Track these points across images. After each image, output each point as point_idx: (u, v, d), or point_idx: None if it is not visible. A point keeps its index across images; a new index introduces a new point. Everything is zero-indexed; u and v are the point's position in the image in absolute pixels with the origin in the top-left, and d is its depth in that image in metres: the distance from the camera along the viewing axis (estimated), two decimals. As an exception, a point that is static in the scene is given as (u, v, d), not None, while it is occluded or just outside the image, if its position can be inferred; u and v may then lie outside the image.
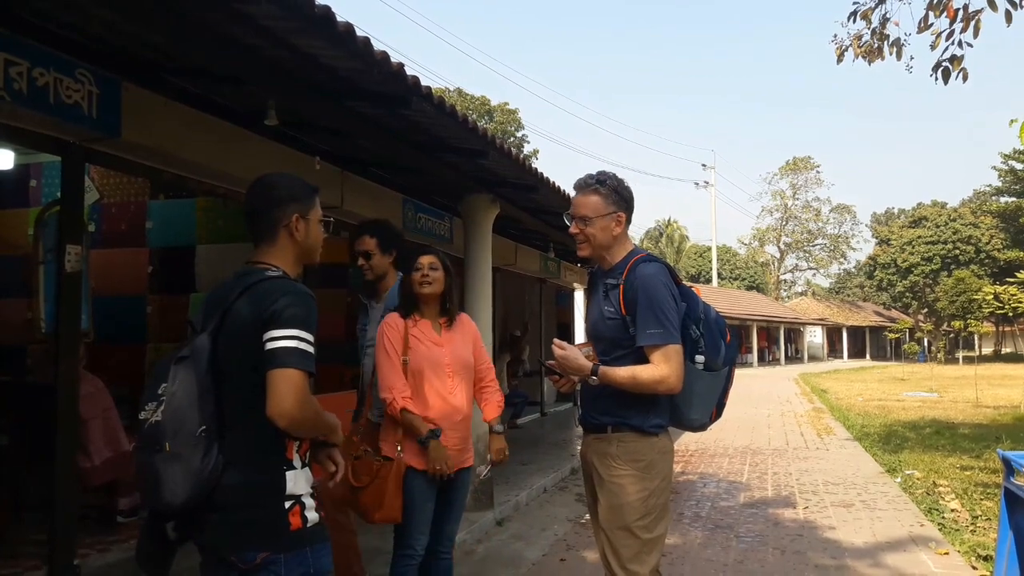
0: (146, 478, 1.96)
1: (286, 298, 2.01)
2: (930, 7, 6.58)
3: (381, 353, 3.48)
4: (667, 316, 2.68)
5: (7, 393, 5.68)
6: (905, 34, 7.92)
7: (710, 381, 2.85)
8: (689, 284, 3.02)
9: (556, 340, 2.96)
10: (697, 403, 2.85)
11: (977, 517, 6.46)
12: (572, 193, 3.00)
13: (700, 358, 2.81)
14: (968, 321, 40.74)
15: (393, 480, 3.33)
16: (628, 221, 2.91)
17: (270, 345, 1.96)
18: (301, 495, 2.06)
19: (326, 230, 2.31)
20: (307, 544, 2.05)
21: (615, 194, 2.87)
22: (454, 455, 3.47)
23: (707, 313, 2.86)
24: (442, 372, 3.50)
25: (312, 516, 2.08)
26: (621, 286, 2.77)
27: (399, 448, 3.40)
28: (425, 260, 3.56)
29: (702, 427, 2.96)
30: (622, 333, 2.76)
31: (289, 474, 2.05)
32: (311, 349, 2.00)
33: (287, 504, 2.03)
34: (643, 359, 2.72)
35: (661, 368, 2.67)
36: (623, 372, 2.72)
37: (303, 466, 2.11)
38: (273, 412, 1.94)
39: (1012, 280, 21.18)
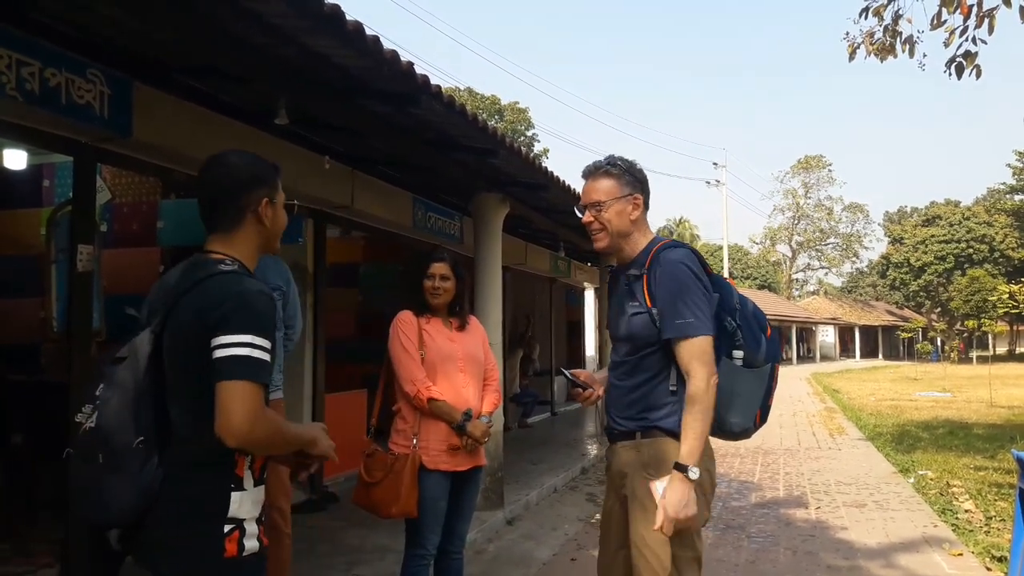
0: (79, 488, 1.79)
1: (238, 298, 1.78)
2: (943, 3, 6.53)
3: (398, 348, 3.48)
4: (697, 304, 2.42)
5: (21, 392, 5.71)
6: (918, 31, 7.87)
7: (751, 380, 2.55)
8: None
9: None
10: (738, 405, 2.54)
11: (991, 518, 6.40)
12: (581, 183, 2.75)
13: (739, 353, 2.52)
14: (982, 320, 40.47)
15: (409, 473, 3.33)
16: (646, 205, 2.66)
17: (219, 353, 1.73)
18: (244, 520, 1.83)
19: (289, 214, 2.10)
20: (236, 575, 1.84)
21: (628, 175, 2.62)
22: (465, 453, 3.48)
23: (743, 304, 2.59)
24: (454, 367, 3.52)
25: (251, 545, 1.84)
26: (645, 276, 2.51)
27: (414, 442, 3.40)
28: (437, 270, 3.56)
29: (744, 433, 2.60)
30: (649, 329, 2.49)
31: (235, 495, 1.82)
32: (266, 356, 1.77)
33: (226, 528, 1.80)
34: (671, 354, 2.47)
35: (697, 370, 2.39)
36: (688, 432, 2.39)
37: (255, 484, 1.88)
38: (221, 430, 1.71)
39: (1027, 279, 21.03)
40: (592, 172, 2.68)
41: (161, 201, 8.16)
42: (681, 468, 2.37)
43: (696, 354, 2.42)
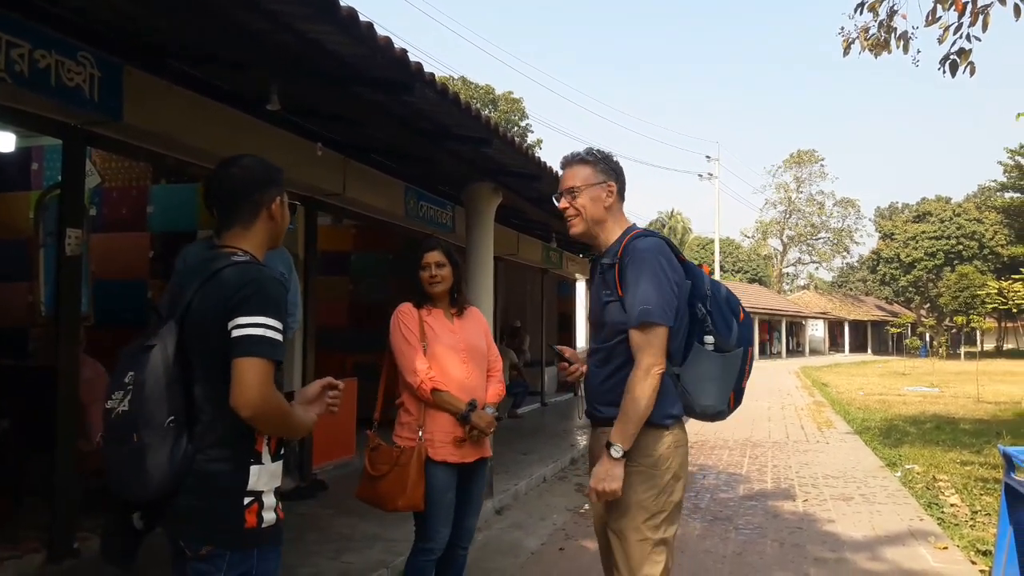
0: (115, 469, 1.93)
1: (253, 284, 1.95)
2: (938, 0, 6.54)
3: (399, 340, 3.43)
4: (658, 293, 2.49)
5: (8, 377, 5.67)
6: (912, 27, 7.88)
7: (723, 364, 2.62)
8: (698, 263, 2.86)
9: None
10: (710, 388, 2.61)
11: (977, 512, 6.45)
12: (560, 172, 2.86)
13: (710, 339, 2.60)
14: (970, 316, 40.77)
15: (415, 466, 3.28)
16: (621, 195, 2.76)
17: (236, 332, 1.90)
18: (262, 492, 2.00)
19: (291, 213, 2.26)
20: (255, 545, 1.99)
21: (604, 163, 2.73)
22: (471, 445, 3.45)
23: (716, 291, 2.67)
24: (457, 359, 3.48)
25: (269, 517, 2.01)
26: (617, 265, 2.60)
27: (419, 434, 3.35)
28: (431, 259, 3.49)
29: (719, 415, 2.69)
30: (620, 316, 2.57)
31: (254, 469, 1.98)
32: (279, 337, 1.94)
33: (246, 500, 1.97)
34: None
35: (640, 358, 2.48)
36: (620, 415, 2.50)
37: (273, 460, 2.04)
38: (236, 402, 1.88)
39: (1015, 276, 21.14)
40: (569, 160, 2.80)
41: (151, 186, 8.13)
42: (608, 445, 2.51)
43: (643, 342, 2.50)
